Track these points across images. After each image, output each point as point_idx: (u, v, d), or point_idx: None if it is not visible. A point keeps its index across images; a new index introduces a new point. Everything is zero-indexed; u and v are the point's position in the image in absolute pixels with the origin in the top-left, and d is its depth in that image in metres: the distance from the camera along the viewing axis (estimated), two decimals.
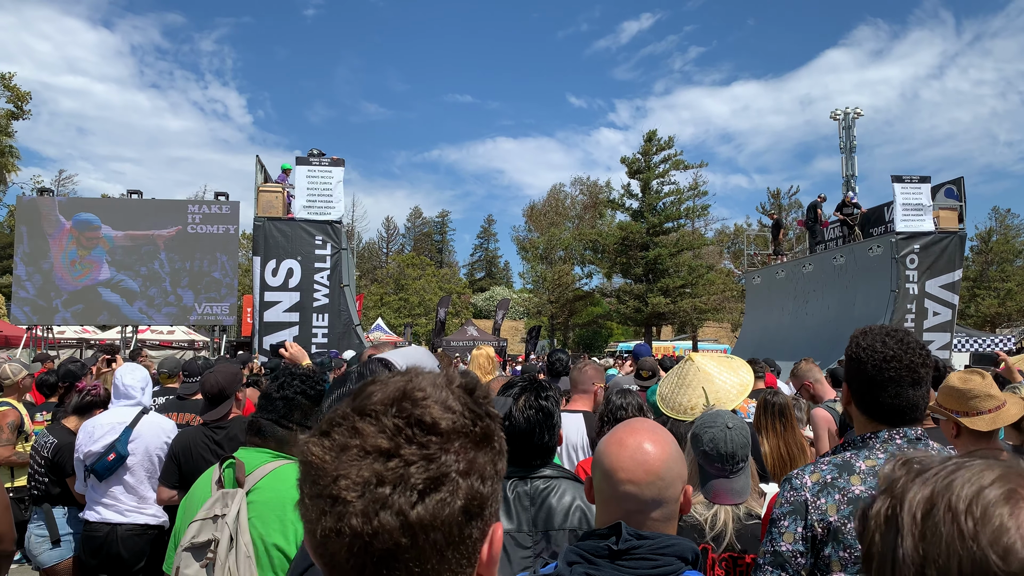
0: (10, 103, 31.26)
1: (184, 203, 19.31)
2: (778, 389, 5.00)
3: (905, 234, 19.00)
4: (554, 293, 57.46)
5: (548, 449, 2.45)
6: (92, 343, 24.84)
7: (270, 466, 2.32)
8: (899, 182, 19.37)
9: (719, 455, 2.37)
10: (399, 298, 58.30)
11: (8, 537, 3.18)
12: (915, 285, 18.83)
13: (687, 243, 47.70)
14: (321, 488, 0.75)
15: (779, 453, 4.07)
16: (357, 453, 0.75)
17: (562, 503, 2.29)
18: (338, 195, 17.54)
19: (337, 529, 0.74)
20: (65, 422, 4.89)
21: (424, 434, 0.77)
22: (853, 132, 33.41)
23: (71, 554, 4.63)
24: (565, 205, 73.35)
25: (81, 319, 18.63)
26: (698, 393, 3.22)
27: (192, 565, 2.21)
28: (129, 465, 4.28)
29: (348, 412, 0.79)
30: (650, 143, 47.73)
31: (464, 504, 0.76)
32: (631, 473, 1.57)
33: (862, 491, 1.97)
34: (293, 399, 2.49)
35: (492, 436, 0.83)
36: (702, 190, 49.56)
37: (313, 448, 0.78)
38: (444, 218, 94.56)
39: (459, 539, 0.77)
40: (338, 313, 17.17)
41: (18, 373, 6.19)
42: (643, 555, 1.47)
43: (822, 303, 22.60)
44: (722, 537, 2.34)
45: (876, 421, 2.10)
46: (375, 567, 0.74)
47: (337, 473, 0.74)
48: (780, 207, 60.25)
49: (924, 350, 2.10)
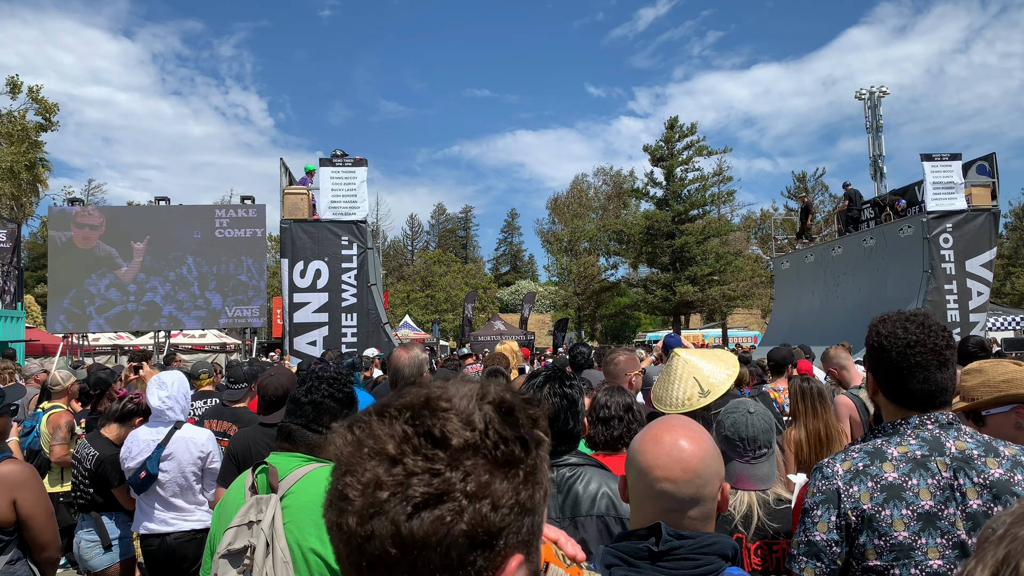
0: (39, 115, 31.82)
1: (211, 208, 19.53)
2: (811, 375, 4.97)
3: (936, 213, 18.65)
4: (580, 285, 57.31)
5: (573, 435, 2.51)
6: (126, 349, 25.24)
7: (303, 470, 2.32)
8: (929, 160, 19.02)
9: (740, 439, 2.42)
10: (426, 295, 58.54)
11: (54, 544, 3.25)
12: (952, 265, 18.49)
13: (714, 230, 47.31)
14: (335, 479, 0.76)
15: (819, 436, 4.10)
16: (367, 452, 0.74)
17: (588, 490, 2.32)
18: (362, 195, 17.62)
19: (338, 523, 0.74)
20: (104, 431, 4.96)
21: (431, 447, 0.73)
22: (879, 111, 32.83)
23: (120, 558, 4.78)
24: (588, 196, 73.10)
25: (114, 325, 18.93)
26: (691, 384, 3.30)
27: (230, 572, 2.21)
28: (162, 481, 4.43)
29: (371, 410, 0.79)
30: (672, 130, 47.38)
31: (467, 529, 0.71)
32: (668, 471, 1.54)
33: (895, 478, 1.94)
34: (321, 403, 2.48)
35: (519, 462, 0.77)
36: (726, 176, 49.20)
37: (338, 439, 0.78)
38: (467, 214, 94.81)
39: (457, 565, 0.72)
40: (366, 312, 17.27)
41: (67, 379, 6.39)
42: (684, 555, 1.45)
43: (853, 286, 22.27)
44: (750, 520, 2.33)
45: (905, 408, 2.07)
46: (368, 571, 0.73)
47: (347, 468, 0.75)
48: (807, 190, 59.53)
49: (946, 332, 2.07)
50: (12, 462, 3.13)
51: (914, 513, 1.90)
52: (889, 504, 1.91)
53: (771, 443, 2.47)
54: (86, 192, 58.96)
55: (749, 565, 2.28)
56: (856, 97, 34.00)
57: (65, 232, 18.01)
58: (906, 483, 1.93)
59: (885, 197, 22.80)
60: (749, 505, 2.36)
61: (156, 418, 4.59)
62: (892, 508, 1.91)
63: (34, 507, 3.10)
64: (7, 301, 17.65)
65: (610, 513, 2.30)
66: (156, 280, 18.16)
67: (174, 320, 18.38)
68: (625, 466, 1.68)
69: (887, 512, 1.91)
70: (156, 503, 4.49)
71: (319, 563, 2.15)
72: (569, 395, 2.50)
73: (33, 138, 31.87)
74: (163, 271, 18.15)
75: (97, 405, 6.22)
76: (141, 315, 18.29)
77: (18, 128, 30.54)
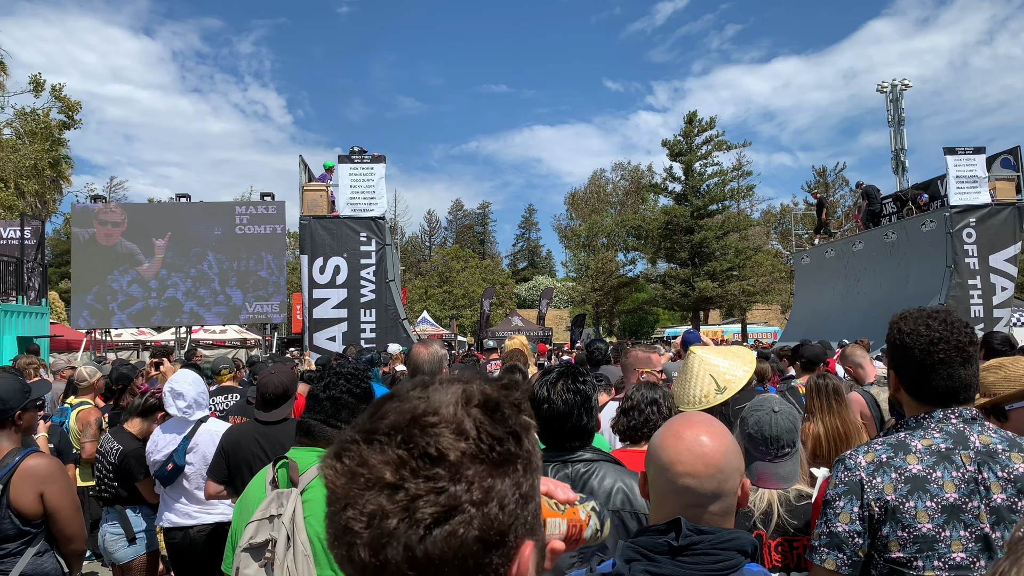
0: (62, 114, 32.20)
1: (231, 204, 19.69)
2: (827, 372, 5.03)
3: (960, 207, 18.44)
4: (598, 280, 57.15)
5: (587, 431, 2.52)
6: (148, 344, 25.51)
7: None
8: (952, 154, 18.80)
9: (763, 438, 2.40)
10: (443, 291, 58.66)
11: (80, 537, 3.30)
12: (975, 260, 18.26)
13: (733, 225, 46.99)
14: (334, 513, 0.74)
15: (836, 432, 4.11)
16: (364, 483, 0.72)
17: (604, 485, 2.34)
18: (380, 191, 17.70)
19: (348, 556, 0.73)
20: (127, 426, 5.03)
21: (430, 466, 0.72)
22: (901, 104, 32.41)
23: (145, 551, 4.86)
24: (607, 191, 72.87)
25: (136, 321, 19.15)
26: (707, 381, 3.28)
27: (251, 565, 2.24)
28: (187, 474, 4.49)
29: (356, 437, 0.75)
30: (691, 124, 47.09)
31: (480, 535, 0.72)
32: (690, 466, 1.54)
33: (919, 470, 1.93)
34: (340, 398, 2.51)
35: (515, 457, 0.77)
36: (746, 170, 48.85)
37: (327, 470, 0.76)
38: (485, 209, 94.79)
39: (475, 570, 0.72)
40: (384, 308, 17.35)
41: (93, 375, 6.48)
42: (704, 550, 1.45)
43: (874, 281, 22.07)
44: (770, 517, 2.32)
45: (929, 405, 2.06)
46: None
47: (346, 502, 0.73)
48: (826, 185, 58.93)
49: (969, 328, 2.06)
50: (39, 456, 3.19)
51: (938, 505, 1.89)
52: (913, 496, 1.91)
53: (795, 442, 2.45)
54: (108, 189, 59.63)
55: (769, 562, 2.28)
56: (878, 90, 33.58)
57: (88, 229, 18.23)
58: (930, 475, 1.92)
59: (907, 191, 22.57)
60: (769, 502, 2.36)
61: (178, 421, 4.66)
62: (916, 500, 1.90)
63: (60, 500, 3.15)
64: (32, 297, 17.88)
65: (625, 508, 2.30)
66: (177, 276, 18.34)
67: (195, 316, 18.57)
68: (645, 462, 1.68)
69: (911, 504, 1.90)
70: (181, 496, 4.55)
71: None
72: (583, 391, 2.51)
73: (56, 136, 32.27)
74: (184, 267, 18.33)
75: (119, 400, 6.30)
76: (163, 311, 18.49)
77: (41, 126, 30.93)
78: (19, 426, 3.23)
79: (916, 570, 1.89)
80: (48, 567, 3.16)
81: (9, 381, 3.29)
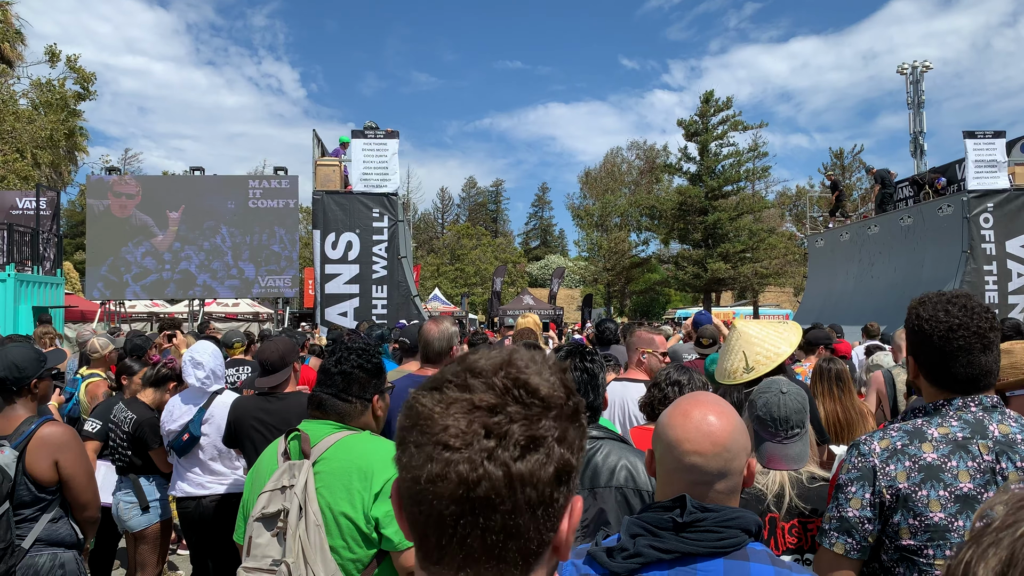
0: (77, 84, 32.20)
1: (245, 178, 19.72)
2: (834, 356, 5.13)
3: (978, 192, 18.23)
4: (610, 260, 57.08)
5: (593, 409, 2.58)
6: (161, 316, 25.70)
7: (334, 437, 2.37)
8: (972, 138, 18.55)
9: (772, 420, 2.39)
10: (455, 268, 58.72)
11: (94, 504, 3.36)
12: (992, 245, 18.09)
13: (747, 206, 46.73)
14: (430, 436, 0.80)
15: (836, 417, 4.16)
16: (466, 406, 0.81)
17: (608, 462, 2.37)
18: (393, 167, 17.67)
19: (444, 474, 0.79)
20: (141, 396, 5.09)
21: (528, 396, 0.82)
22: (922, 87, 31.97)
23: (158, 519, 4.94)
24: (621, 170, 72.49)
25: (150, 293, 19.29)
26: (739, 358, 3.25)
27: (264, 535, 2.28)
28: (202, 445, 4.56)
29: (460, 370, 0.85)
30: (708, 104, 46.70)
31: (556, 469, 0.81)
32: (697, 444, 1.55)
33: (934, 458, 1.92)
34: (351, 373, 2.53)
35: (580, 414, 0.87)
36: (762, 151, 48.45)
37: (424, 399, 0.83)
38: (498, 187, 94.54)
39: (548, 501, 0.81)
40: (396, 284, 17.39)
41: (105, 347, 6.50)
42: (708, 527, 1.46)
43: (888, 265, 21.89)
44: (782, 500, 2.33)
45: (948, 391, 2.03)
46: (473, 513, 0.78)
47: (447, 423, 0.80)
48: (843, 168, 58.37)
49: (990, 313, 2.02)
50: (53, 424, 3.23)
51: (951, 495, 1.88)
52: (926, 484, 1.90)
53: (804, 423, 2.44)
54: (123, 161, 59.80)
55: (784, 544, 2.28)
56: (898, 71, 33.12)
57: (103, 201, 18.32)
58: (945, 464, 1.91)
59: (924, 175, 22.30)
60: (781, 484, 2.35)
61: (195, 391, 4.72)
62: (929, 488, 1.89)
63: (75, 468, 3.20)
64: (47, 268, 18.03)
65: (629, 485, 2.33)
66: (191, 249, 18.43)
67: (208, 289, 18.68)
68: (652, 440, 1.69)
69: (924, 492, 1.89)
70: (195, 466, 4.62)
71: (350, 526, 2.20)
72: (590, 369, 2.58)
73: (72, 107, 32.30)
74: (198, 240, 18.42)
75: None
76: (176, 283, 18.61)
77: (57, 97, 30.97)
78: (35, 394, 3.28)
79: (927, 558, 1.89)
80: (63, 533, 3.21)
81: (25, 349, 3.33)
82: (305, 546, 2.18)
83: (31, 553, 3.10)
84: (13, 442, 3.06)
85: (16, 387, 3.20)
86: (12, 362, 3.20)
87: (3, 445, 3.01)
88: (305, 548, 2.18)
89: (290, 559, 2.19)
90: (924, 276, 18.76)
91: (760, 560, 1.47)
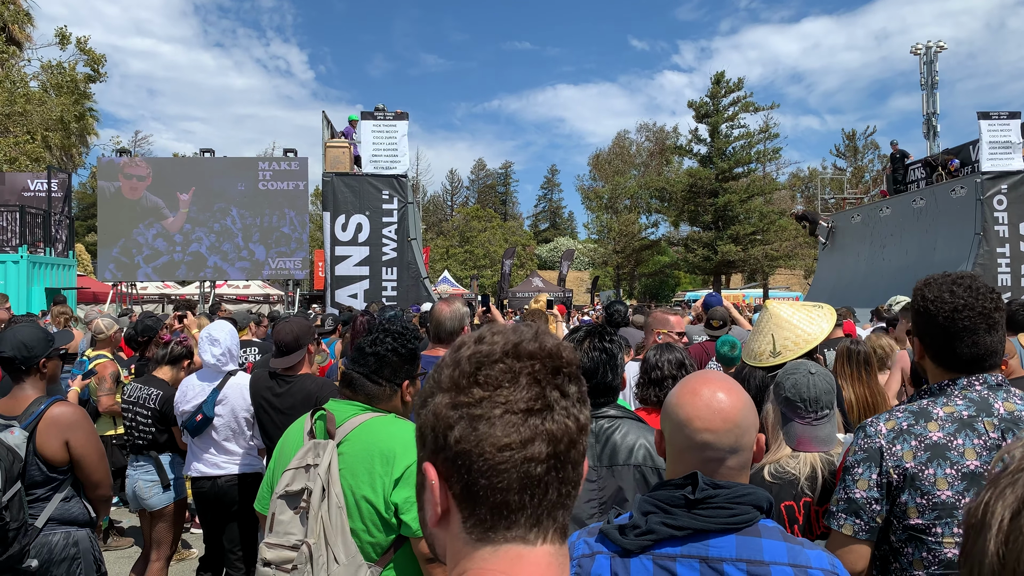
0: (87, 67, 32.23)
1: (255, 160, 19.73)
2: (860, 338, 5.01)
3: (991, 174, 18.06)
4: (619, 243, 56.91)
5: (612, 388, 2.56)
6: (173, 298, 25.86)
7: (360, 418, 2.35)
8: (986, 119, 18.36)
9: (802, 400, 2.36)
10: (464, 250, 58.69)
11: (106, 483, 3.38)
12: (1005, 227, 17.93)
13: (758, 188, 46.45)
14: (507, 406, 0.86)
15: (865, 402, 4.07)
16: (529, 377, 0.87)
17: (626, 441, 2.38)
18: (403, 149, 17.64)
19: (533, 437, 0.85)
20: (158, 373, 5.11)
21: (557, 360, 0.89)
22: (935, 67, 31.58)
23: (177, 497, 4.97)
24: (631, 152, 72.11)
25: (162, 275, 19.39)
26: (766, 341, 3.17)
27: (287, 512, 2.29)
28: (216, 425, 4.57)
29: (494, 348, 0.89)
30: (718, 85, 46.33)
31: (584, 423, 0.90)
32: (708, 422, 1.56)
33: (940, 437, 1.92)
34: (384, 356, 2.50)
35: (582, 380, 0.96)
36: (773, 133, 48.06)
37: (481, 377, 0.88)
38: (507, 169, 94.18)
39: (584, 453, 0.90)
40: (406, 266, 17.41)
41: (111, 327, 6.50)
42: (720, 504, 1.47)
43: (900, 247, 21.74)
44: (815, 483, 2.30)
45: (953, 371, 2.04)
46: (557, 468, 0.86)
47: (521, 394, 0.86)
48: (855, 149, 57.82)
49: (994, 293, 2.01)
50: (64, 404, 3.25)
51: (958, 473, 1.88)
52: (933, 463, 1.90)
53: (832, 404, 2.41)
54: (133, 143, 59.99)
55: (818, 528, 2.25)
56: (911, 52, 32.72)
57: (114, 183, 18.38)
58: (951, 443, 1.91)
59: (937, 157, 22.09)
60: (812, 467, 2.32)
61: (210, 371, 4.73)
62: (936, 467, 1.90)
63: (85, 447, 3.21)
64: (59, 249, 18.14)
65: (647, 463, 2.33)
66: (201, 231, 18.50)
67: (219, 270, 18.76)
68: (661, 420, 1.69)
69: (930, 471, 1.90)
70: (210, 447, 4.65)
71: (370, 510, 2.21)
72: (609, 350, 2.55)
73: (82, 89, 32.34)
74: (208, 222, 18.47)
75: (145, 351, 6.39)
76: (187, 265, 18.70)
77: (67, 79, 31.00)
78: (44, 374, 3.29)
79: (935, 537, 1.89)
80: (75, 512, 3.24)
81: (34, 329, 3.34)
82: (327, 527, 2.19)
83: (45, 532, 3.13)
84: (23, 423, 3.08)
85: (25, 366, 3.22)
86: (21, 341, 3.21)
87: (13, 426, 3.02)
88: (327, 529, 2.19)
89: (311, 540, 2.20)
90: (936, 258, 18.62)
91: (772, 536, 1.48)
